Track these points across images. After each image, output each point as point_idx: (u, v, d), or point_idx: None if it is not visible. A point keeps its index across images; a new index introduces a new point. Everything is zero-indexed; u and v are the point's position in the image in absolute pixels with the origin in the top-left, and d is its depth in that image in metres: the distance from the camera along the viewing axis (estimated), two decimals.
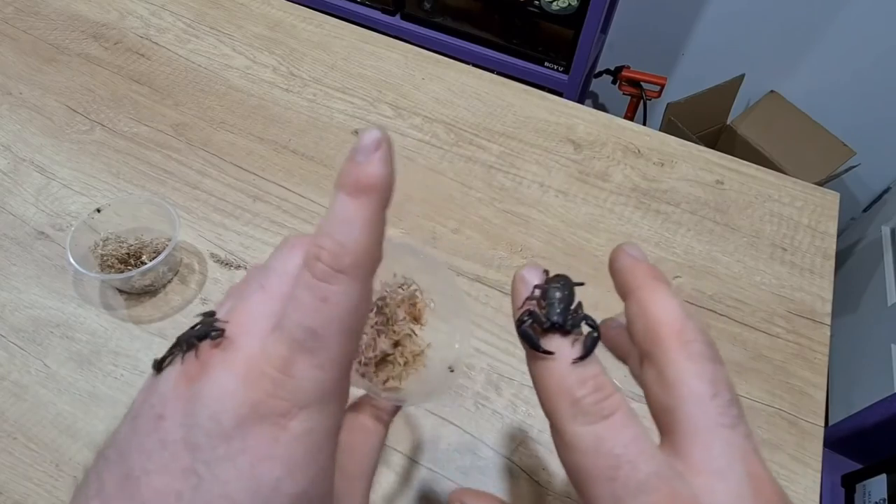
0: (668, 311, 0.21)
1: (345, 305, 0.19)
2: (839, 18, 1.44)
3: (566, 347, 0.21)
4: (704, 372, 0.20)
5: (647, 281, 0.23)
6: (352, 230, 0.19)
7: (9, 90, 0.72)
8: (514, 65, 1.44)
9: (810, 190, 0.69)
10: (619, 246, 0.25)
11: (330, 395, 0.19)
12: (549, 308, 0.22)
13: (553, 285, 0.23)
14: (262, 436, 0.17)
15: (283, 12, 0.86)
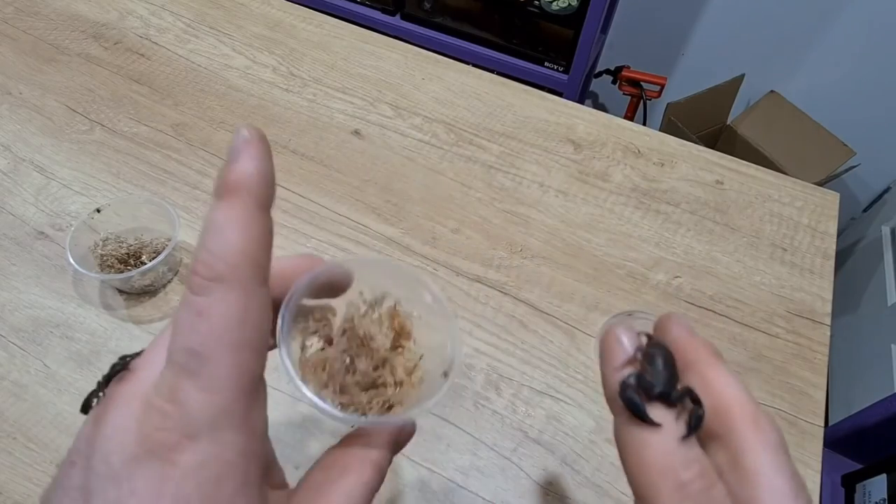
0: (739, 392, 0.20)
1: (224, 317, 0.17)
2: (839, 18, 1.44)
3: (672, 421, 0.19)
4: (785, 467, 0.19)
5: (707, 357, 0.22)
6: (222, 234, 0.17)
7: (9, 90, 0.72)
8: (514, 65, 1.44)
9: (810, 190, 0.69)
10: (667, 315, 0.24)
11: (223, 420, 0.17)
12: (653, 374, 0.20)
13: (656, 350, 0.21)
14: (151, 475, 0.16)
15: (282, 12, 0.86)
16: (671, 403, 0.20)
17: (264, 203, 0.18)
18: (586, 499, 0.47)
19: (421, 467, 0.48)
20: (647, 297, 0.58)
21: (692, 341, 0.22)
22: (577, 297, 0.58)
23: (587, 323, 0.56)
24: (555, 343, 0.55)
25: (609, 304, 0.58)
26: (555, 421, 0.50)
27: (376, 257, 0.26)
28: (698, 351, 0.22)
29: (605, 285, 0.59)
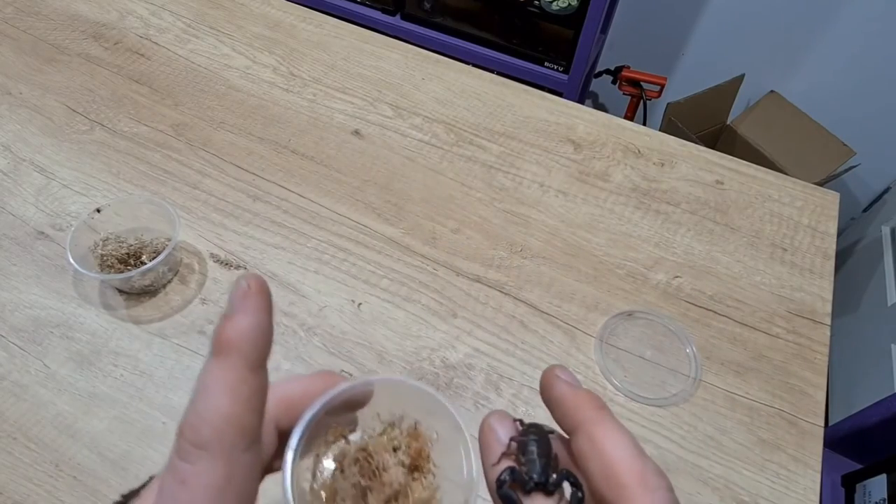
0: (626, 451, 0.20)
1: (206, 487, 0.17)
2: (839, 18, 1.44)
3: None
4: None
5: (593, 414, 0.21)
6: (210, 397, 0.17)
7: (9, 90, 0.72)
8: (514, 65, 1.44)
9: (810, 190, 0.69)
10: (550, 371, 0.23)
11: None
12: (528, 465, 0.20)
13: (530, 437, 0.21)
14: None
15: (282, 12, 0.86)
16: (549, 492, 0.20)
17: (256, 363, 0.18)
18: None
19: None
20: (647, 297, 0.58)
21: (576, 398, 0.22)
22: (577, 297, 0.58)
23: (587, 323, 0.56)
24: (555, 343, 0.55)
25: (609, 304, 0.58)
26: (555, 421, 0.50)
27: (394, 377, 0.23)
28: (583, 409, 0.21)
29: (605, 285, 0.59)
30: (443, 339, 0.55)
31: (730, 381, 0.53)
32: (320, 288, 0.57)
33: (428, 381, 0.52)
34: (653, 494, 0.19)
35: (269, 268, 0.58)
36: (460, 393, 0.52)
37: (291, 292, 0.57)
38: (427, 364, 0.53)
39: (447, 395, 0.51)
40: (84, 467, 0.46)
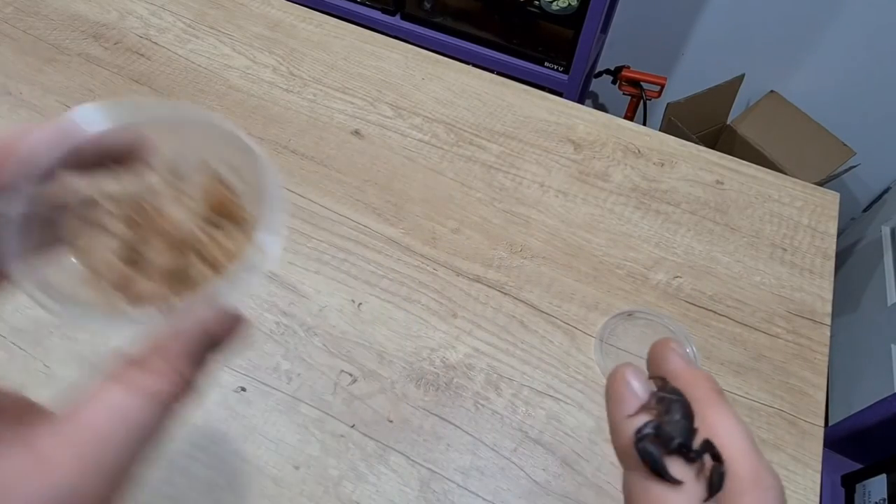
0: (742, 442, 0.19)
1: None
2: (839, 18, 1.44)
3: (692, 479, 0.18)
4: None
5: (710, 395, 0.20)
6: None
7: (9, 90, 0.72)
8: (514, 65, 1.44)
9: (810, 190, 0.69)
10: (664, 343, 0.22)
11: None
12: (672, 425, 0.18)
13: (674, 396, 0.19)
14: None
15: (282, 12, 0.86)
16: (691, 459, 0.18)
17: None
18: (587, 499, 0.47)
19: (421, 467, 0.48)
20: (647, 297, 0.58)
21: (692, 374, 0.21)
22: (577, 297, 0.58)
23: (587, 323, 0.56)
24: (555, 343, 0.55)
25: (609, 304, 0.58)
26: (555, 421, 0.50)
27: (176, 110, 0.19)
28: (700, 388, 0.20)
29: (605, 285, 0.59)
30: (443, 339, 0.55)
31: (730, 381, 0.53)
32: (320, 288, 0.57)
33: (428, 381, 0.52)
34: (765, 493, 0.18)
35: (269, 268, 0.58)
36: (460, 393, 0.52)
37: (291, 292, 0.57)
38: (427, 364, 0.53)
39: (447, 395, 0.51)
40: None
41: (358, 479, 0.47)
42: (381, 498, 0.46)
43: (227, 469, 0.46)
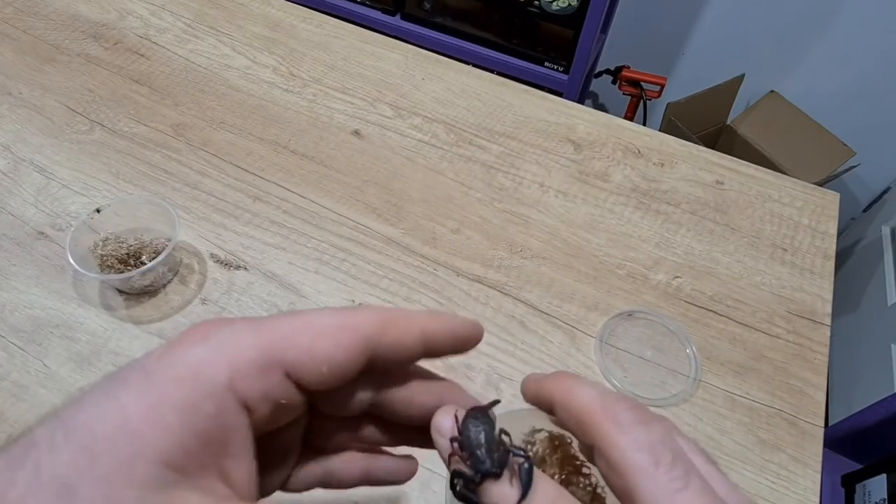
0: (587, 393, 0.21)
1: None
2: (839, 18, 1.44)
3: (506, 490, 0.19)
4: (639, 441, 0.19)
5: (559, 381, 0.22)
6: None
7: (9, 90, 0.72)
8: (514, 65, 1.44)
9: (810, 190, 0.69)
10: (524, 380, 0.25)
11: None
12: (471, 460, 0.20)
13: (469, 426, 0.21)
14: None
15: (282, 12, 0.86)
16: (498, 475, 0.19)
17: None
18: None
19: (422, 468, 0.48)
20: (646, 297, 0.58)
21: (543, 380, 0.23)
22: (577, 297, 0.58)
23: (587, 323, 0.56)
24: (555, 343, 0.55)
25: (609, 304, 0.58)
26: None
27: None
28: (550, 382, 0.23)
29: (605, 285, 0.59)
30: None
31: (730, 381, 0.53)
32: (320, 288, 0.57)
33: None
34: (616, 417, 0.20)
35: (269, 268, 0.58)
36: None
37: (291, 292, 0.57)
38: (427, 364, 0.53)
39: None
40: None
41: None
42: (382, 498, 0.46)
43: None
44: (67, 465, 0.16)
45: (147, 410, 0.17)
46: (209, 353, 0.18)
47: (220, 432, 0.18)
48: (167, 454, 0.17)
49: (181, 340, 0.19)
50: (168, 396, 0.17)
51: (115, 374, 0.18)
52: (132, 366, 0.18)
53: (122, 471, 0.16)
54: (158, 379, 0.18)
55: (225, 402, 0.18)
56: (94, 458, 0.16)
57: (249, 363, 0.19)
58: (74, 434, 0.17)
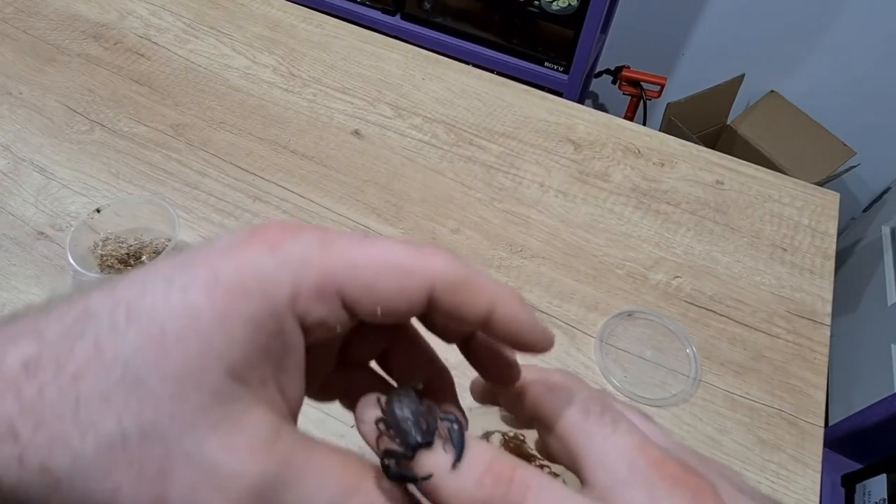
0: (527, 371, 0.22)
1: None
2: (839, 18, 1.44)
3: (441, 457, 0.18)
4: (570, 399, 0.20)
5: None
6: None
7: (9, 90, 0.72)
8: (514, 65, 1.44)
9: (810, 190, 0.69)
10: (474, 379, 0.25)
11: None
12: (400, 436, 0.19)
13: (393, 404, 0.20)
14: None
15: (283, 12, 0.86)
16: (430, 444, 0.19)
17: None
18: None
19: None
20: (647, 297, 0.58)
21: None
22: (577, 297, 0.58)
23: (587, 323, 0.56)
24: (555, 343, 0.55)
25: (609, 304, 0.58)
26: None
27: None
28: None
29: (605, 285, 0.59)
30: None
31: (730, 381, 0.53)
32: None
33: None
34: (558, 397, 0.21)
35: None
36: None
37: None
38: None
39: None
40: None
41: None
42: None
43: None
44: (135, 351, 0.16)
45: (218, 320, 0.16)
46: (276, 267, 0.17)
47: (280, 350, 0.18)
48: (234, 366, 0.17)
49: (249, 242, 0.18)
50: (236, 307, 0.17)
51: (181, 262, 0.17)
52: (198, 258, 0.17)
53: (192, 373, 0.16)
54: (227, 285, 0.17)
55: (286, 320, 0.18)
56: (164, 352, 0.16)
57: (312, 286, 0.18)
58: (139, 320, 0.16)
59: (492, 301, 0.19)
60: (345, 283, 0.18)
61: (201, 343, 0.16)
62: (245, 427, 0.17)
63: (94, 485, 0.15)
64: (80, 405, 0.15)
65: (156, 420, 0.16)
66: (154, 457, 0.16)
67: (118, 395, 0.15)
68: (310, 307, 0.18)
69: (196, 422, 0.16)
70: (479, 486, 0.18)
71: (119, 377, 0.16)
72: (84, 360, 0.16)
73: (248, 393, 0.17)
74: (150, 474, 0.16)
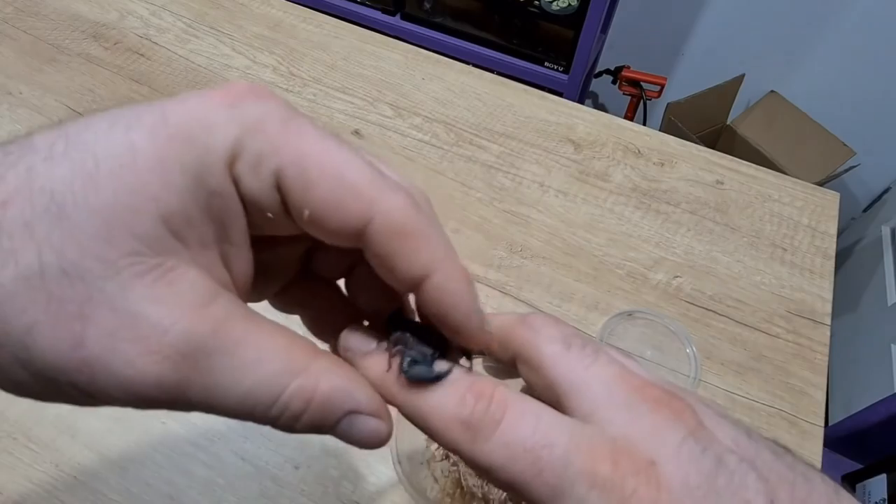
0: (507, 316, 0.22)
1: None
2: (839, 18, 1.44)
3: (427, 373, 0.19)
4: (551, 335, 0.21)
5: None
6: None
7: (9, 90, 0.72)
8: (514, 65, 1.44)
9: (810, 190, 0.69)
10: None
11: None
12: (416, 348, 0.20)
13: (406, 329, 0.20)
14: None
15: (283, 12, 0.86)
16: (444, 354, 0.20)
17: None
18: None
19: None
20: (647, 297, 0.58)
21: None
22: (577, 297, 0.58)
23: (587, 323, 0.56)
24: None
25: (609, 304, 0.58)
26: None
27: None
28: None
29: (605, 285, 0.59)
30: None
31: (730, 381, 0.53)
32: None
33: None
34: (539, 334, 0.21)
35: None
36: None
37: None
38: None
39: None
40: (84, 467, 0.46)
41: (358, 479, 0.47)
42: (382, 498, 0.46)
43: (227, 469, 0.46)
44: (62, 182, 0.15)
45: (157, 162, 0.15)
46: (226, 121, 0.16)
47: (220, 213, 0.17)
48: (170, 216, 0.15)
49: (209, 94, 0.17)
50: (177, 152, 0.16)
51: (131, 107, 0.16)
52: (151, 105, 0.16)
53: (122, 214, 0.15)
54: (172, 130, 0.16)
55: (223, 180, 0.16)
56: (93, 185, 0.15)
57: (252, 154, 0.16)
58: (76, 151, 0.15)
59: (430, 265, 0.18)
60: (284, 168, 0.17)
61: (136, 183, 0.15)
62: (176, 282, 0.16)
63: (10, 318, 0.15)
64: (3, 233, 0.15)
65: (78, 260, 0.15)
66: (73, 297, 0.15)
67: (41, 226, 0.15)
68: (243, 174, 0.17)
69: (121, 267, 0.15)
70: (462, 403, 0.18)
71: (43, 207, 0.15)
72: (14, 187, 0.15)
73: (184, 251, 0.16)
74: (68, 314, 0.15)
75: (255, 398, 0.16)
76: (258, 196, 0.17)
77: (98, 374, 0.15)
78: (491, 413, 0.18)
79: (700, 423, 0.18)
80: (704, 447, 0.17)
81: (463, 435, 0.18)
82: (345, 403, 0.18)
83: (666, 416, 0.18)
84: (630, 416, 0.18)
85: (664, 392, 0.19)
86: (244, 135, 0.16)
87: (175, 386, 0.16)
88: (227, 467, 0.46)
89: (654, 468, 0.17)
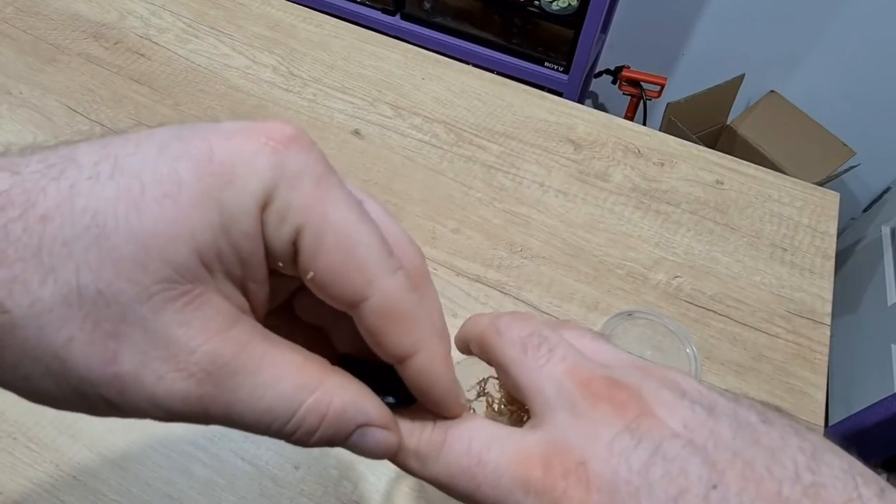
0: (481, 319, 0.23)
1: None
2: (839, 18, 1.44)
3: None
4: (512, 339, 0.21)
5: (467, 322, 0.25)
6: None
7: (9, 90, 0.72)
8: (514, 65, 1.44)
9: (810, 190, 0.69)
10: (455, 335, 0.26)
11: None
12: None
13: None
14: None
15: (283, 12, 0.86)
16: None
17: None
18: None
19: None
20: (647, 297, 0.59)
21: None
22: (577, 297, 0.58)
23: (587, 323, 0.56)
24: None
25: (609, 304, 0.58)
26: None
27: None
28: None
29: (605, 285, 0.59)
30: None
31: (730, 381, 0.53)
32: None
33: None
34: (502, 337, 0.22)
35: None
36: None
37: None
38: None
39: None
40: (84, 467, 0.46)
41: (358, 479, 0.47)
42: (382, 498, 0.46)
43: (227, 469, 0.46)
44: (106, 203, 0.15)
45: (200, 198, 0.16)
46: (269, 168, 0.17)
47: (247, 251, 0.17)
48: (204, 249, 0.16)
49: (254, 134, 0.18)
50: (219, 193, 0.16)
51: (179, 133, 0.17)
52: (197, 134, 0.17)
53: (159, 241, 0.15)
54: (218, 168, 0.16)
55: (255, 226, 0.17)
56: (136, 211, 0.15)
57: (281, 205, 0.17)
58: (122, 176, 0.16)
59: (415, 346, 0.19)
60: (305, 227, 0.17)
61: (178, 215, 0.16)
62: (202, 307, 0.16)
63: (48, 333, 0.15)
64: (43, 248, 0.15)
65: (113, 281, 0.15)
66: (109, 317, 0.15)
67: (79, 245, 0.15)
68: (269, 221, 0.17)
69: (154, 292, 0.16)
70: (409, 435, 0.20)
71: (84, 227, 0.15)
72: (55, 202, 0.15)
73: (210, 280, 0.17)
74: (104, 333, 0.15)
75: (273, 414, 0.18)
76: (275, 244, 0.18)
77: (129, 388, 0.16)
78: (434, 439, 0.20)
79: (644, 412, 0.18)
80: (640, 439, 0.17)
81: (415, 461, 0.20)
82: (357, 417, 0.18)
83: (604, 411, 0.18)
84: (570, 415, 0.19)
85: (608, 384, 0.19)
86: (280, 184, 0.17)
87: (198, 401, 0.17)
88: (227, 467, 0.46)
89: (584, 468, 0.17)
